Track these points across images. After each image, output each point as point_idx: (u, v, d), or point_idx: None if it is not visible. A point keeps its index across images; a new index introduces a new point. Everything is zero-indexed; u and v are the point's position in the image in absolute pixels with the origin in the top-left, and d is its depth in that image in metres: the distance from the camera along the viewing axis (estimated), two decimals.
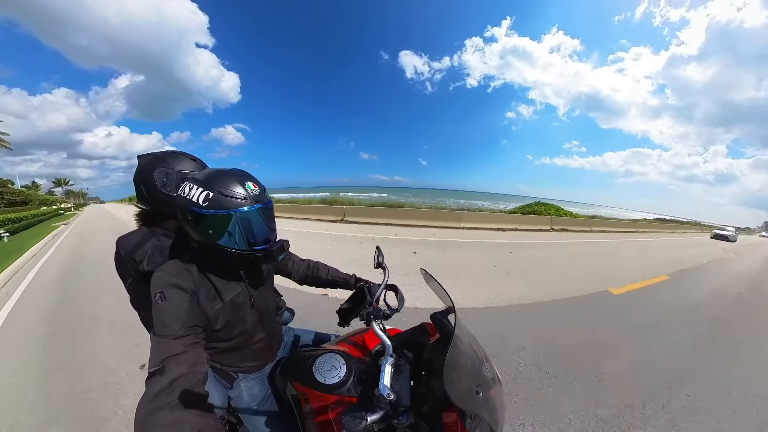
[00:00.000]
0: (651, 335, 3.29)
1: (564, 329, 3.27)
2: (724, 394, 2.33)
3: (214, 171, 0.84)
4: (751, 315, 4.32)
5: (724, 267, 8.59)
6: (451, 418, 0.74)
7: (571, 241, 11.52)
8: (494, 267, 5.91)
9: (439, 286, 0.93)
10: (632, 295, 4.78)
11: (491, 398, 0.72)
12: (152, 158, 1.03)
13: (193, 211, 0.77)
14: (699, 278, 6.58)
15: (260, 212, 0.84)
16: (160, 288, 0.77)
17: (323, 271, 1.31)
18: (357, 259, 5.88)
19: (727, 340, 3.34)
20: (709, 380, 2.49)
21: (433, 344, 0.91)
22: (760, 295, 5.46)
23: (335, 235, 9.36)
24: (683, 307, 4.39)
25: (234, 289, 0.91)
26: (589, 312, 3.86)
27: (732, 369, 2.72)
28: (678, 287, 5.54)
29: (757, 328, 3.79)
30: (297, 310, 1.45)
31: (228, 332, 0.90)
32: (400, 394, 0.75)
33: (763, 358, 2.98)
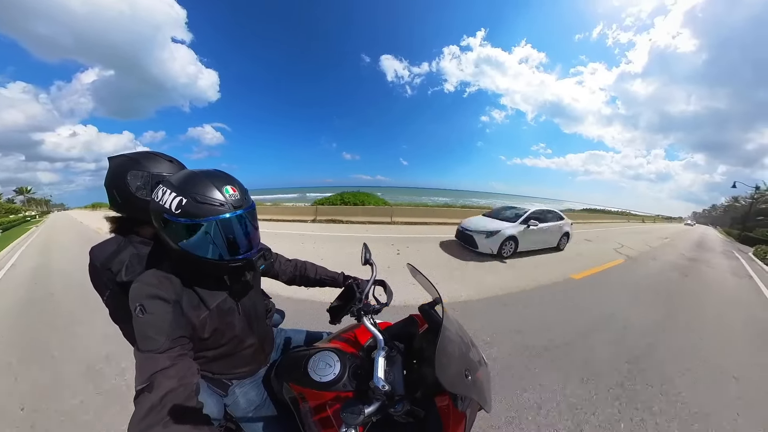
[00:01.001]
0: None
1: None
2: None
3: (189, 174, 0.79)
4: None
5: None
6: (444, 402, 0.79)
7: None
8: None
9: (426, 279, 0.96)
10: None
11: (479, 379, 0.77)
12: (124, 160, 0.96)
13: (165, 219, 0.74)
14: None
15: (239, 219, 0.79)
16: (139, 300, 0.73)
17: (311, 270, 1.30)
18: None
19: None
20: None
21: (422, 334, 0.95)
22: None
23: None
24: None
25: (219, 295, 0.88)
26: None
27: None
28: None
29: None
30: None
31: (217, 340, 0.88)
32: (395, 384, 0.79)
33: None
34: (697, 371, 2.64)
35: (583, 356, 2.70)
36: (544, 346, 2.82)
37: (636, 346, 2.97)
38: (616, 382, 2.37)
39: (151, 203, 0.78)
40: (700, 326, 3.69)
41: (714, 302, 4.80)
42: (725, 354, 3.01)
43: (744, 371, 2.70)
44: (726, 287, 5.93)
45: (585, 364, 2.57)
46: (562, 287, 4.77)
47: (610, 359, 2.69)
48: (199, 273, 0.84)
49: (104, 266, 0.92)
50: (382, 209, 13.54)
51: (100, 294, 0.97)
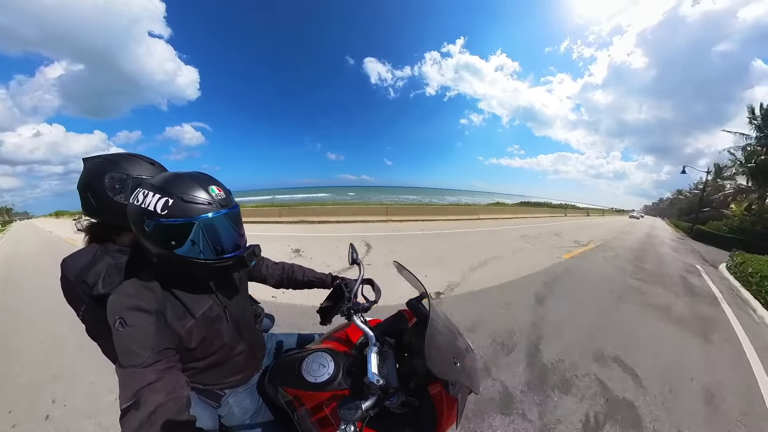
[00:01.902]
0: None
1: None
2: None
3: (171, 175, 0.77)
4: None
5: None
6: (436, 389, 0.83)
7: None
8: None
9: (412, 275, 1.00)
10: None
11: (467, 365, 0.82)
12: (101, 161, 0.91)
13: (150, 221, 0.71)
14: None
15: (227, 218, 0.79)
16: (118, 313, 0.69)
17: (299, 272, 1.29)
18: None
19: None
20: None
21: (411, 328, 0.98)
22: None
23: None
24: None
25: (205, 303, 0.86)
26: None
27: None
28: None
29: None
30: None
31: (205, 349, 0.86)
32: (388, 377, 0.82)
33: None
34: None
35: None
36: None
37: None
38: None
39: (129, 207, 0.74)
40: None
41: None
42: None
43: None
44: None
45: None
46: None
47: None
48: (183, 279, 0.82)
49: (79, 279, 0.86)
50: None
51: (75, 309, 0.91)
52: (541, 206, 36.56)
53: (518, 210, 26.37)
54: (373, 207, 16.28)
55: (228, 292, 0.94)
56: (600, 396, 2.24)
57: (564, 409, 2.08)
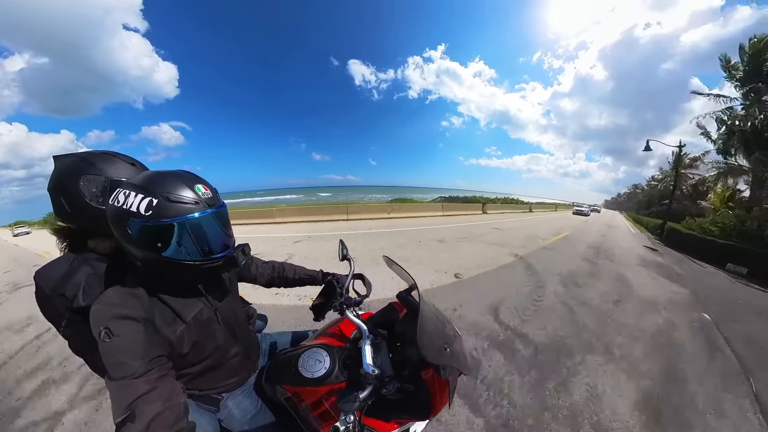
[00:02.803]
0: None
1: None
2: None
3: (154, 173, 0.74)
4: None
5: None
6: (429, 374, 0.88)
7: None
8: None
9: (401, 268, 1.03)
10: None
11: (456, 350, 0.87)
12: (76, 161, 0.83)
13: (133, 223, 0.68)
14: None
15: (214, 217, 0.77)
16: (103, 323, 0.66)
17: (290, 270, 1.29)
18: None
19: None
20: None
21: (402, 319, 1.02)
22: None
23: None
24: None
25: (195, 306, 0.84)
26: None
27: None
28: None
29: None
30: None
31: (198, 354, 0.84)
32: (383, 367, 0.85)
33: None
34: None
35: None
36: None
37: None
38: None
39: (109, 209, 0.71)
40: None
41: None
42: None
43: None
44: None
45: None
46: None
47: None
48: (170, 283, 0.80)
49: (56, 292, 0.80)
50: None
51: (55, 325, 0.85)
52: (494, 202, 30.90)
53: (466, 207, 22.91)
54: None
55: (218, 294, 0.92)
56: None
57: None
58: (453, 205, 20.49)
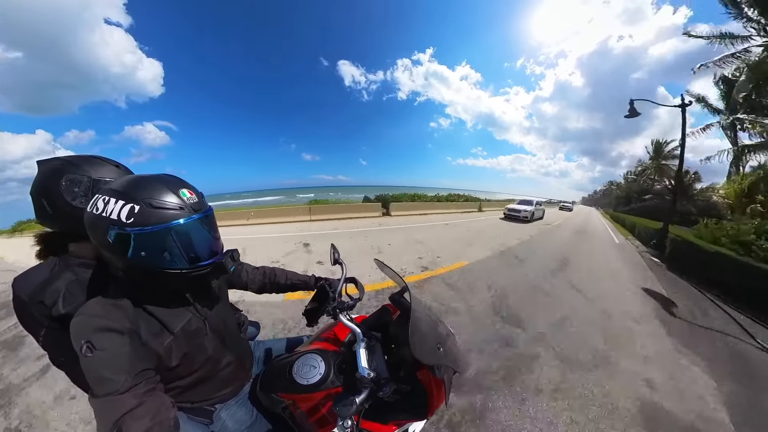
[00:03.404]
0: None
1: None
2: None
3: (135, 178, 0.71)
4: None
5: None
6: (424, 374, 0.90)
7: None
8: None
9: (392, 271, 1.05)
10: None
11: (449, 349, 0.89)
12: (59, 163, 0.82)
13: (114, 232, 0.65)
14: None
15: (201, 222, 0.74)
16: (85, 337, 0.63)
17: (281, 276, 1.27)
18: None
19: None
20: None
21: (396, 320, 1.03)
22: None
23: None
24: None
25: (183, 316, 0.81)
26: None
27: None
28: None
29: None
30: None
31: (188, 366, 0.81)
32: (379, 369, 0.86)
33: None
34: None
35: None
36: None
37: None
38: None
39: (88, 217, 0.68)
40: None
41: None
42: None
43: None
44: None
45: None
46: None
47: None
48: (156, 292, 0.77)
49: (34, 299, 0.77)
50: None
51: (34, 335, 0.81)
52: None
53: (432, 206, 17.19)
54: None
55: (207, 303, 0.89)
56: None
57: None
58: (324, 208, 13.44)
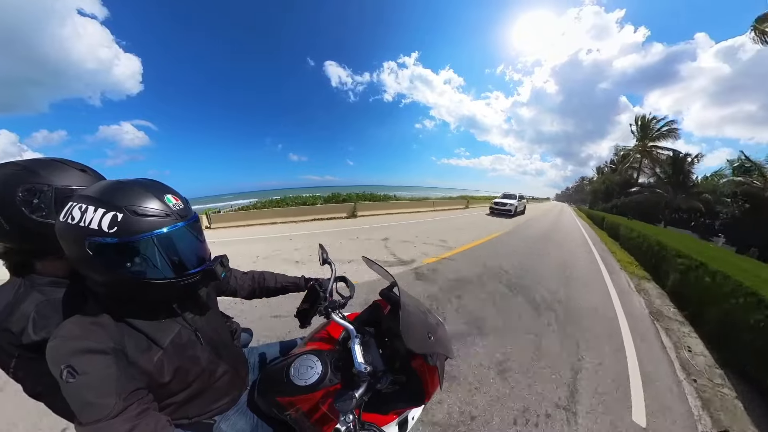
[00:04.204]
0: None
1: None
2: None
3: (114, 183, 0.67)
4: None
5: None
6: (418, 363, 0.94)
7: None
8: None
9: (381, 267, 1.07)
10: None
11: (440, 336, 0.92)
12: (13, 169, 0.72)
13: (94, 243, 0.60)
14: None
15: (188, 229, 0.72)
16: (64, 361, 0.59)
17: (270, 279, 1.26)
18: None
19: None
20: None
21: (387, 315, 1.06)
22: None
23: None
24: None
25: (172, 328, 0.77)
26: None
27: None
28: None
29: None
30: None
31: (182, 380, 0.78)
32: (374, 363, 0.88)
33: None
34: None
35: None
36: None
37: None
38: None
39: (61, 228, 0.62)
40: None
41: None
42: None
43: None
44: None
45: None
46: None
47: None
48: (140, 305, 0.73)
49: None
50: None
51: (2, 367, 0.73)
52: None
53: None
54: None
55: (197, 312, 0.87)
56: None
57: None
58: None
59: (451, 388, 2.18)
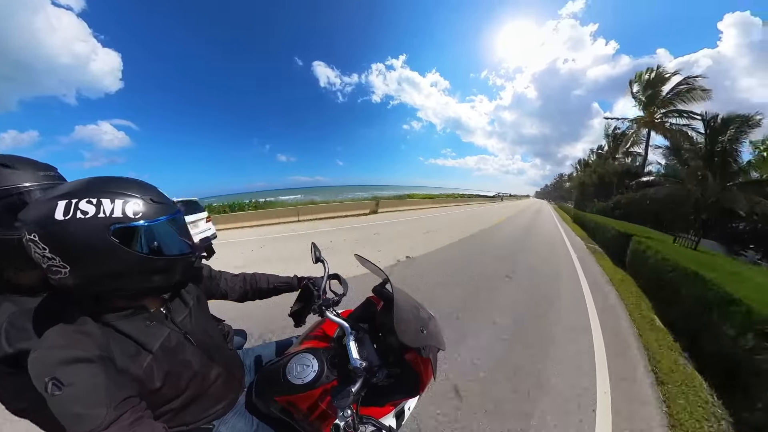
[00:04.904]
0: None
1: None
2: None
3: (106, 179, 0.67)
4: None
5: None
6: (412, 356, 0.96)
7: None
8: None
9: (373, 265, 1.08)
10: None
11: (432, 330, 0.95)
12: None
13: (121, 229, 0.63)
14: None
15: (181, 219, 0.79)
16: (49, 373, 0.56)
17: (262, 280, 1.24)
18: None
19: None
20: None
21: (380, 311, 1.08)
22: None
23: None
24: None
25: (161, 332, 0.76)
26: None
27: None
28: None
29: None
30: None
31: (175, 386, 0.76)
32: (370, 358, 0.90)
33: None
34: None
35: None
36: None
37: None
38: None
39: (68, 226, 0.58)
40: None
41: None
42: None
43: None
44: None
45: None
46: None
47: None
48: (125, 309, 0.73)
49: None
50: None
51: None
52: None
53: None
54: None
55: (185, 314, 0.86)
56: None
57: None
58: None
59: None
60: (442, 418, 1.91)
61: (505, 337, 2.93)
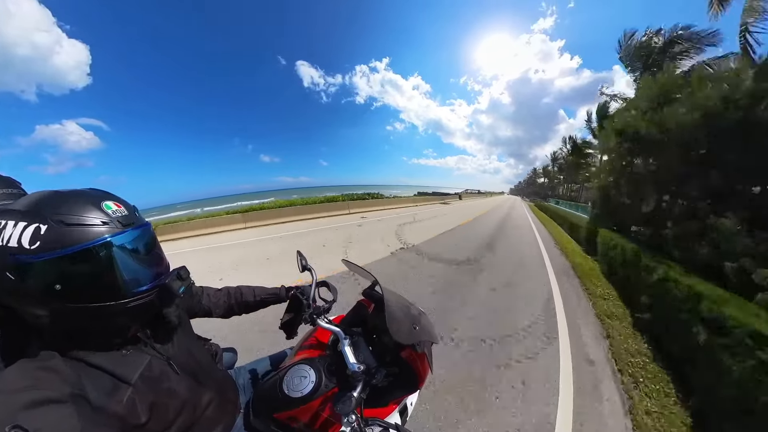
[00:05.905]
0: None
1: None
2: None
3: (44, 194, 0.58)
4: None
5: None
6: (407, 353, 0.99)
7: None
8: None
9: (360, 268, 1.09)
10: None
11: (423, 326, 0.98)
12: None
13: (14, 264, 0.51)
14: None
15: (133, 239, 0.64)
16: (10, 420, 0.48)
17: (248, 293, 1.19)
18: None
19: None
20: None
21: (372, 313, 1.09)
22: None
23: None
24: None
25: (140, 361, 0.68)
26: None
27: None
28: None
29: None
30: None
31: (162, 418, 0.68)
32: (367, 361, 0.91)
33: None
34: None
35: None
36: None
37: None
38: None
39: None
40: None
41: None
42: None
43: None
44: None
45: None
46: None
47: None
48: (96, 337, 0.64)
49: None
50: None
51: None
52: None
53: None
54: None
55: (166, 339, 0.78)
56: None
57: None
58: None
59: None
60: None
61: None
